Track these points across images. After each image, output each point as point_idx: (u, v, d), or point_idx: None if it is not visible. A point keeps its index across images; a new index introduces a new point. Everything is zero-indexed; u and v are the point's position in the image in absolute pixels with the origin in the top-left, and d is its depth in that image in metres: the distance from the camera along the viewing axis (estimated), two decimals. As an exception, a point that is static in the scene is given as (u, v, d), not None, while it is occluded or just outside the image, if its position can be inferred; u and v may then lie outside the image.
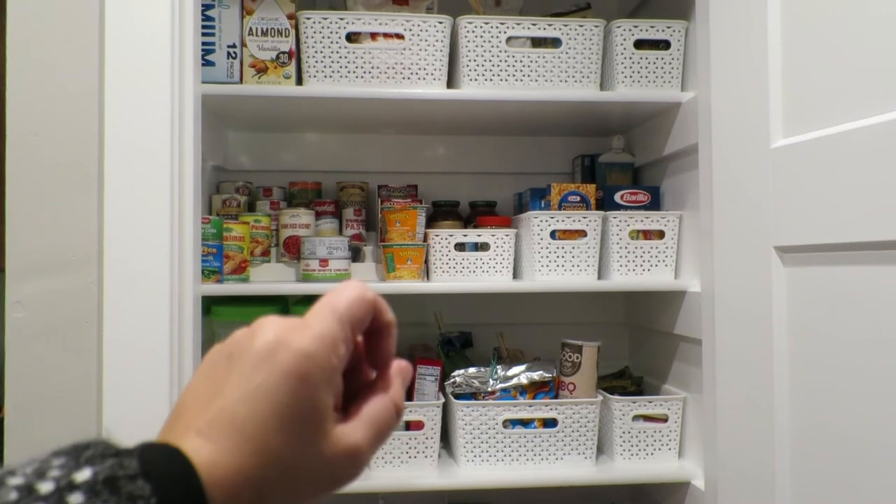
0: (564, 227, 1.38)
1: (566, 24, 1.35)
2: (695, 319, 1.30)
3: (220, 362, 0.33)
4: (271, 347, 0.32)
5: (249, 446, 0.30)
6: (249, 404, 0.31)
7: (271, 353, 0.32)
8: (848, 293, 0.85)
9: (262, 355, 0.32)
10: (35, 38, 1.05)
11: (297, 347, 0.32)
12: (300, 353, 0.32)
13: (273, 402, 0.31)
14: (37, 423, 1.03)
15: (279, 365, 0.31)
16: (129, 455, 0.27)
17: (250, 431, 0.30)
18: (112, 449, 0.27)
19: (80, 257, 1.05)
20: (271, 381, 0.31)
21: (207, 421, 0.30)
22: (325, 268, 1.32)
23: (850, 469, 0.85)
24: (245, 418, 0.30)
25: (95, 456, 0.27)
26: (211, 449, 0.29)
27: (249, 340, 0.33)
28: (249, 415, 0.30)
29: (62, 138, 1.05)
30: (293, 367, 0.31)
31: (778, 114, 0.98)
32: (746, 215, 1.04)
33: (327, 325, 0.33)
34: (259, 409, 0.31)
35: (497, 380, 1.38)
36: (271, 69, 1.32)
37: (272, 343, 0.32)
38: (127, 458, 0.27)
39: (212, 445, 0.30)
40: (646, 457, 1.36)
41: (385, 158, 1.69)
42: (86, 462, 0.26)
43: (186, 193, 1.10)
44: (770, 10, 0.99)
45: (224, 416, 0.30)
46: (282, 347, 0.32)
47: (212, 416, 0.31)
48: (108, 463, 0.26)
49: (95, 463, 0.26)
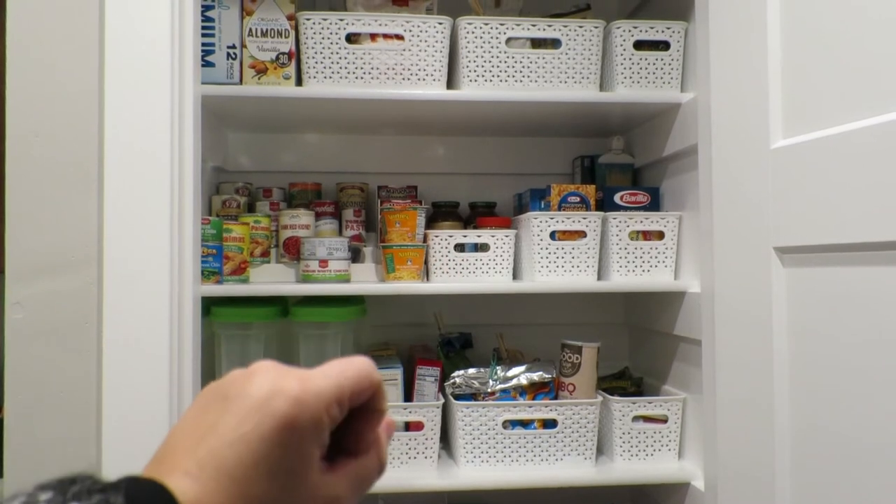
0: (564, 228, 1.38)
1: (566, 24, 1.35)
2: (694, 320, 1.30)
3: (213, 402, 0.34)
4: (267, 394, 0.32)
5: (235, 490, 0.30)
6: (239, 448, 0.31)
7: (266, 400, 0.32)
8: (847, 294, 0.85)
9: (257, 401, 0.32)
10: (35, 38, 1.05)
11: (293, 396, 0.32)
12: (295, 402, 0.32)
13: (262, 449, 0.31)
14: (36, 423, 1.03)
15: (273, 413, 0.32)
16: (115, 491, 0.27)
17: (238, 476, 0.31)
18: (98, 484, 0.28)
19: (80, 258, 1.05)
20: (263, 429, 0.31)
21: (197, 461, 0.31)
22: (324, 268, 1.32)
23: (850, 469, 0.85)
24: (234, 462, 0.31)
25: (82, 492, 0.27)
26: (197, 490, 0.30)
27: (245, 383, 0.33)
28: (238, 459, 0.31)
29: (62, 139, 1.05)
30: (286, 415, 0.32)
31: (778, 114, 0.98)
32: (746, 216, 1.04)
33: (328, 385, 0.34)
34: (248, 454, 0.31)
35: (497, 380, 1.38)
36: (271, 70, 1.32)
37: (268, 390, 0.33)
38: (113, 494, 0.27)
39: (199, 486, 0.30)
40: (646, 457, 1.36)
41: (385, 159, 1.69)
42: (73, 498, 0.26)
43: (186, 194, 1.10)
44: (770, 10, 0.99)
45: (213, 459, 0.31)
46: (277, 395, 0.32)
47: (201, 457, 0.31)
48: (94, 499, 0.26)
49: (82, 499, 0.26)
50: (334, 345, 1.37)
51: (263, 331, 1.38)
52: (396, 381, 1.37)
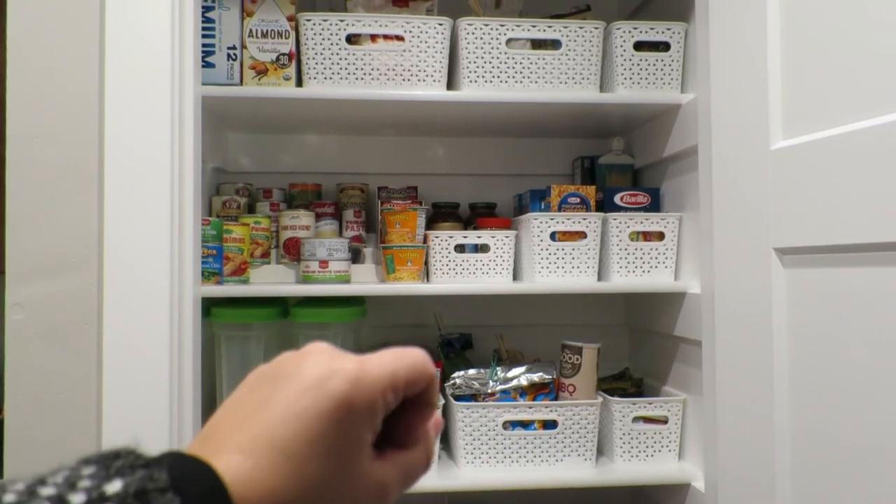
0: (564, 229, 1.38)
1: (566, 25, 1.35)
2: (695, 321, 1.30)
3: (263, 382, 0.33)
4: (324, 373, 0.32)
5: (288, 468, 0.30)
6: (294, 425, 0.30)
7: (324, 379, 0.32)
8: (847, 294, 0.85)
9: (314, 379, 0.32)
10: (35, 39, 1.05)
11: (351, 377, 0.32)
12: (353, 383, 0.32)
13: (318, 427, 0.31)
14: (37, 424, 1.03)
15: (330, 391, 0.31)
16: (158, 467, 0.27)
17: (292, 453, 0.30)
18: (141, 459, 0.27)
19: (80, 259, 1.05)
20: (320, 406, 0.31)
21: (248, 438, 0.30)
22: (325, 269, 1.32)
23: (850, 470, 0.85)
24: (289, 439, 0.30)
25: (125, 467, 0.26)
26: (249, 466, 0.29)
27: (300, 363, 0.33)
28: (293, 436, 0.30)
29: (62, 139, 1.05)
30: (344, 394, 0.31)
31: (777, 115, 0.98)
32: (746, 217, 1.04)
33: (384, 371, 0.33)
34: (303, 431, 0.30)
35: (497, 381, 1.38)
36: (271, 71, 1.32)
37: (325, 369, 0.32)
38: (157, 470, 0.26)
39: (251, 462, 0.29)
40: (646, 458, 1.36)
41: (385, 160, 1.69)
42: (116, 473, 0.26)
43: (186, 195, 1.10)
44: (769, 12, 0.99)
45: (266, 435, 0.30)
46: (335, 374, 0.32)
47: (253, 434, 0.30)
48: (138, 475, 0.26)
49: (125, 474, 0.26)
50: (335, 345, 1.37)
51: (264, 332, 1.38)
52: (396, 382, 1.37)
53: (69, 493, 0.25)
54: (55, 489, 0.25)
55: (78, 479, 0.25)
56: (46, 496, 0.24)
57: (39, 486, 0.25)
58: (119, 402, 1.05)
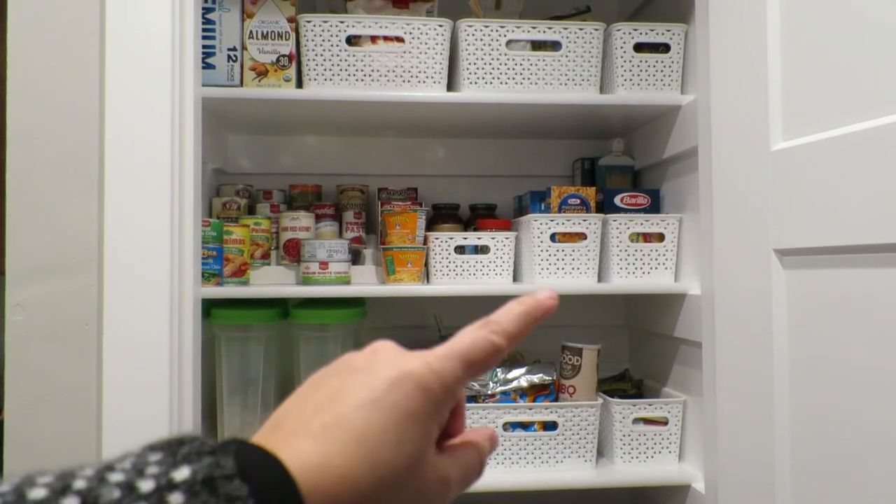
0: (564, 230, 1.38)
1: (566, 27, 1.35)
2: (695, 322, 1.30)
3: (331, 377, 0.33)
4: (396, 367, 0.32)
5: (363, 453, 0.29)
6: (370, 412, 0.30)
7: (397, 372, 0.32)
8: (848, 296, 0.85)
9: (388, 373, 0.32)
10: (36, 40, 1.05)
11: (423, 371, 0.32)
12: (424, 376, 0.32)
13: (393, 416, 0.31)
14: (37, 425, 1.03)
15: (404, 383, 0.32)
16: (224, 454, 0.27)
17: (366, 440, 0.30)
18: (207, 446, 0.27)
19: (81, 260, 1.05)
20: (395, 397, 0.31)
21: (320, 424, 0.30)
22: (325, 270, 1.32)
23: (850, 472, 0.85)
24: (363, 426, 0.30)
25: (192, 453, 0.26)
26: (322, 451, 0.29)
27: (370, 359, 0.34)
28: (368, 423, 0.30)
29: (62, 140, 1.05)
30: (417, 386, 0.32)
31: (777, 117, 0.98)
32: (746, 218, 1.04)
33: (451, 366, 0.34)
34: (379, 419, 0.30)
35: (497, 383, 1.38)
36: (271, 72, 1.33)
37: (397, 363, 0.33)
38: (223, 457, 0.26)
39: (323, 448, 0.29)
40: (646, 460, 1.36)
41: (385, 161, 1.69)
42: (182, 460, 0.26)
43: (186, 196, 1.10)
44: (769, 13, 0.99)
45: (339, 421, 0.30)
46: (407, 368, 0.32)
47: (325, 421, 0.30)
48: (205, 462, 0.26)
49: (192, 461, 0.26)
50: (335, 347, 1.37)
51: (264, 333, 1.38)
52: (396, 384, 1.37)
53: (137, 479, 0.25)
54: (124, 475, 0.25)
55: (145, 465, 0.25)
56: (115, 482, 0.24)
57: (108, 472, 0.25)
58: (119, 402, 1.05)
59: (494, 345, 0.35)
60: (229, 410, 1.35)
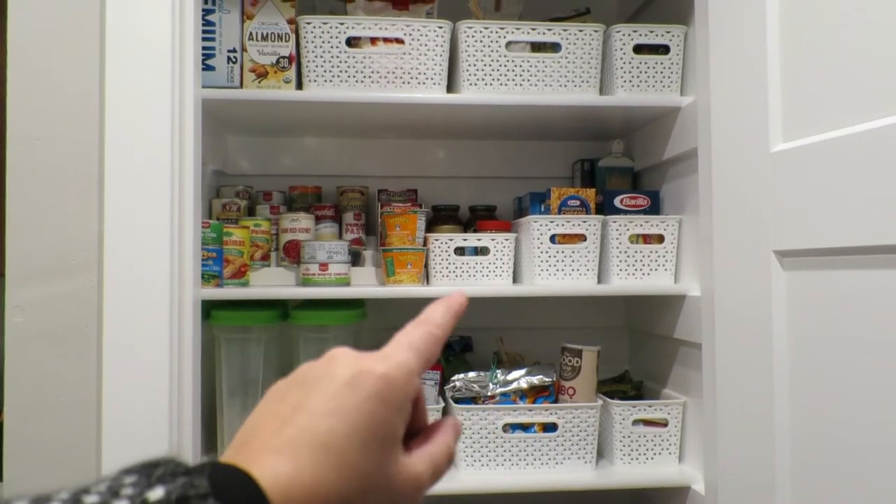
0: (564, 232, 1.38)
1: (566, 28, 1.35)
2: (694, 323, 1.30)
3: (291, 390, 0.34)
4: (354, 371, 0.33)
5: (331, 461, 0.30)
6: (333, 420, 0.31)
7: (355, 378, 0.33)
8: (847, 297, 0.85)
9: (346, 378, 0.33)
10: (36, 41, 1.05)
11: (381, 372, 0.33)
12: (383, 377, 0.33)
13: (356, 419, 0.32)
14: (37, 427, 1.03)
15: (363, 388, 0.32)
16: (198, 474, 0.27)
17: (333, 447, 0.31)
18: (182, 467, 0.28)
19: (80, 261, 1.05)
20: (356, 400, 0.32)
21: (286, 439, 0.31)
22: (324, 272, 1.32)
23: (850, 473, 0.85)
24: (328, 434, 0.31)
25: (166, 475, 0.27)
26: (291, 466, 0.30)
27: (328, 367, 0.34)
28: (333, 430, 0.31)
29: (62, 142, 1.05)
30: (376, 389, 0.33)
31: (777, 118, 0.98)
32: (746, 219, 1.04)
33: (405, 357, 0.35)
34: (342, 425, 0.31)
35: (497, 384, 1.37)
36: (271, 74, 1.33)
37: (354, 368, 0.33)
38: (197, 477, 0.27)
39: (292, 462, 0.30)
40: (646, 461, 1.36)
41: (385, 163, 1.69)
42: (157, 481, 0.27)
43: (186, 198, 1.10)
44: (769, 14, 0.99)
45: (305, 434, 0.31)
46: (365, 372, 0.33)
47: (291, 435, 0.31)
48: (179, 482, 0.27)
49: (167, 482, 0.26)
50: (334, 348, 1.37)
51: (263, 334, 1.38)
52: (396, 385, 1.37)
53: (112, 500, 0.25)
54: (98, 497, 0.25)
55: (120, 487, 0.26)
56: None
57: (83, 494, 0.25)
58: (119, 404, 1.04)
59: (435, 335, 0.37)
60: (229, 412, 1.35)
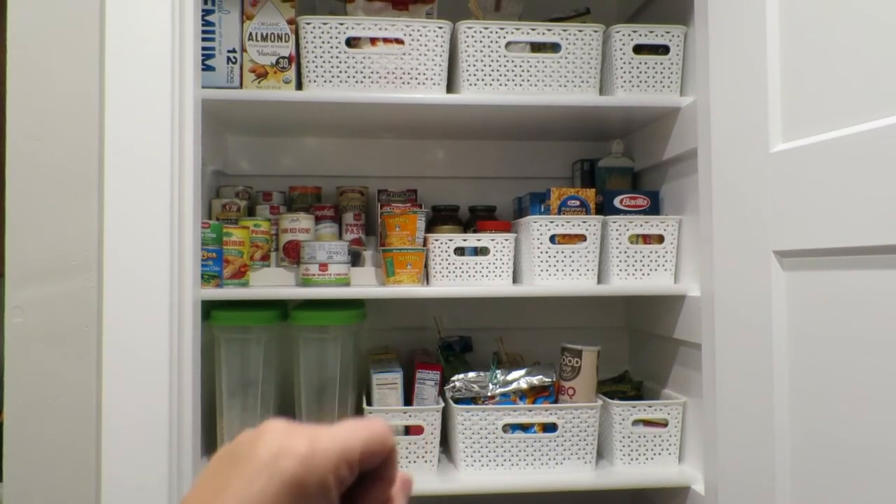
0: (564, 232, 1.38)
1: (565, 28, 1.35)
2: (694, 323, 1.30)
3: (223, 466, 0.33)
4: (274, 454, 0.32)
5: None
6: None
7: (274, 460, 0.32)
8: (847, 297, 0.85)
9: (265, 461, 0.32)
10: (36, 42, 1.05)
11: (301, 455, 0.32)
12: (302, 461, 0.32)
13: None
14: (36, 427, 1.03)
15: (280, 472, 0.32)
16: None
17: None
18: None
19: (80, 262, 1.05)
20: (271, 489, 0.31)
21: None
22: (324, 272, 1.32)
23: (850, 473, 0.85)
24: None
25: None
26: None
27: (253, 444, 0.33)
28: None
29: (62, 142, 1.05)
30: (293, 475, 0.32)
31: (777, 118, 0.98)
32: (746, 219, 1.04)
33: (337, 444, 0.33)
34: None
35: (497, 384, 1.37)
36: (271, 74, 1.33)
37: (276, 450, 0.32)
38: None
39: None
40: (646, 461, 1.36)
41: (385, 163, 1.69)
42: None
43: (186, 198, 1.10)
44: (769, 15, 0.99)
45: None
46: (285, 454, 0.32)
47: None
48: None
49: None
50: (334, 349, 1.37)
51: (263, 334, 1.38)
52: (396, 385, 1.37)
53: None
54: None
55: None
56: None
57: None
58: (119, 404, 1.04)
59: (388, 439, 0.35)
60: (229, 412, 1.35)
